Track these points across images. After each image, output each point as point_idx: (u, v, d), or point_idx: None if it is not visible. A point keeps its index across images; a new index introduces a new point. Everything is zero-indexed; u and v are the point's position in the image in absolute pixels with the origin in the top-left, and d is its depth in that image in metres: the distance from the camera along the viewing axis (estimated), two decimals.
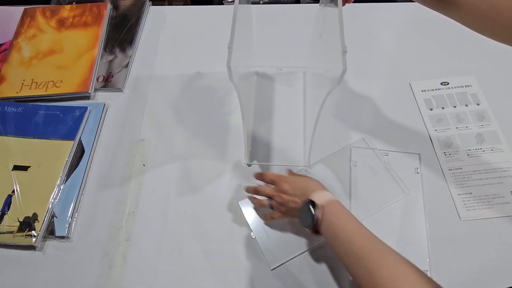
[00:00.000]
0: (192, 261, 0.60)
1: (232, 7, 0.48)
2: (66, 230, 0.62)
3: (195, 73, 0.80)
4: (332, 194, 0.53)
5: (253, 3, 0.80)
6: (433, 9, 0.48)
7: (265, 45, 0.82)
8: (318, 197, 0.51)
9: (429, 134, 0.70)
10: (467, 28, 0.47)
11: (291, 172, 0.64)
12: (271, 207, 0.59)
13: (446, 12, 0.47)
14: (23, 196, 0.64)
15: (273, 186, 0.59)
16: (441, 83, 0.76)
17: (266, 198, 0.60)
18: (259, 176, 0.62)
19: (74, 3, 0.91)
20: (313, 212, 0.50)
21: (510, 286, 0.45)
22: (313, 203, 0.51)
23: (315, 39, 0.68)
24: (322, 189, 0.54)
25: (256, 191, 0.61)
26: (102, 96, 0.78)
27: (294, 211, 0.55)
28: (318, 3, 0.64)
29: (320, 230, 0.50)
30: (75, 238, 0.62)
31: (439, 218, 0.62)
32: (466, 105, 0.73)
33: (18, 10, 0.89)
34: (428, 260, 0.58)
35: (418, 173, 0.66)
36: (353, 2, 0.56)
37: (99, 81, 0.79)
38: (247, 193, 0.63)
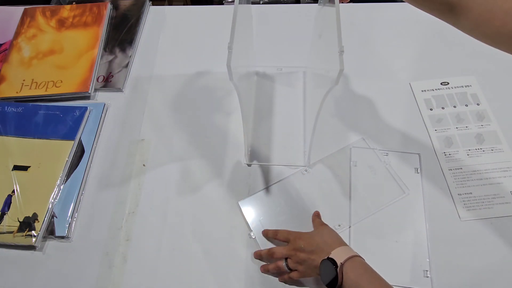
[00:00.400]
0: (192, 261, 0.60)
1: (232, 7, 0.48)
2: (66, 230, 0.62)
3: (195, 73, 0.80)
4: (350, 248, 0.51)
5: (253, 3, 0.80)
6: (426, 11, 0.48)
7: (265, 45, 0.82)
8: (338, 254, 0.49)
9: (429, 134, 0.70)
10: None
11: (316, 219, 0.60)
12: (288, 268, 0.55)
13: (440, 14, 0.46)
14: (23, 196, 0.64)
15: (286, 244, 0.56)
16: (441, 83, 0.76)
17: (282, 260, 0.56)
18: (271, 234, 0.59)
19: (74, 3, 0.91)
20: (334, 271, 0.47)
21: None
22: (333, 261, 0.48)
23: (315, 39, 0.68)
24: (341, 243, 0.52)
25: (270, 253, 0.57)
26: (102, 96, 0.78)
27: (313, 269, 0.52)
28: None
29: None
30: (75, 238, 0.62)
31: (439, 218, 0.62)
32: (466, 105, 0.72)
33: (18, 10, 0.89)
34: (428, 260, 0.58)
35: (418, 173, 0.66)
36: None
37: (99, 81, 0.79)
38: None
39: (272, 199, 0.64)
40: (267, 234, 0.60)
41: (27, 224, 0.61)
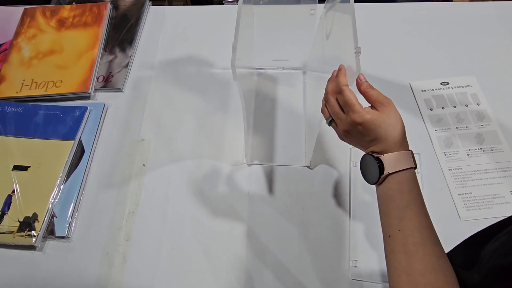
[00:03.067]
0: (192, 261, 0.60)
1: (232, 7, 0.48)
2: (66, 230, 0.62)
3: (195, 73, 0.80)
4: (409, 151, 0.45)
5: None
6: None
7: (265, 45, 0.82)
8: (390, 161, 0.44)
9: (429, 134, 0.70)
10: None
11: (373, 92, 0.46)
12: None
13: None
14: (23, 196, 0.64)
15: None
16: (441, 83, 0.76)
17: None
18: (331, 89, 0.49)
19: (74, 3, 0.91)
20: (376, 178, 0.45)
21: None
22: (381, 165, 0.44)
23: (318, 39, 0.68)
24: (400, 146, 0.45)
25: (325, 99, 0.50)
26: (102, 96, 0.78)
27: (358, 146, 0.49)
28: (318, 2, 0.64)
29: (377, 190, 0.46)
30: (75, 238, 0.62)
31: (439, 218, 0.61)
32: (466, 105, 0.73)
33: (18, 10, 0.89)
34: None
35: (418, 173, 0.66)
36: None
37: (99, 81, 0.79)
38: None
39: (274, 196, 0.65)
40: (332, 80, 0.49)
41: (27, 224, 0.61)
